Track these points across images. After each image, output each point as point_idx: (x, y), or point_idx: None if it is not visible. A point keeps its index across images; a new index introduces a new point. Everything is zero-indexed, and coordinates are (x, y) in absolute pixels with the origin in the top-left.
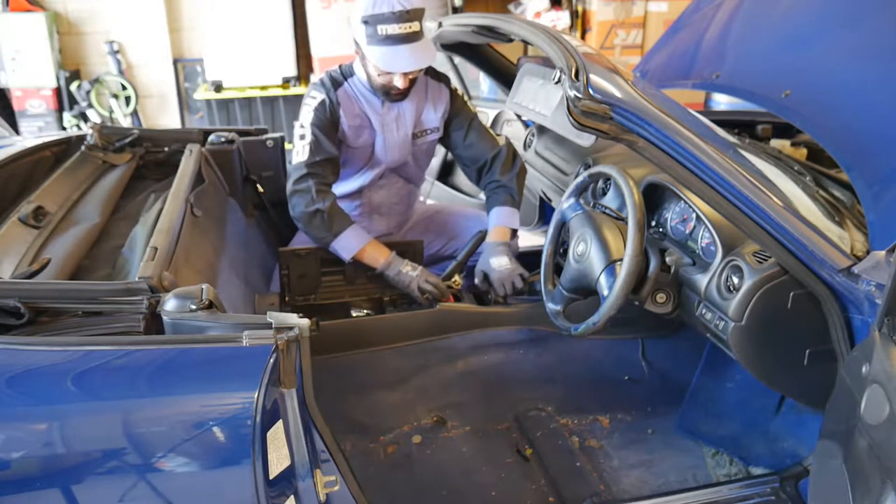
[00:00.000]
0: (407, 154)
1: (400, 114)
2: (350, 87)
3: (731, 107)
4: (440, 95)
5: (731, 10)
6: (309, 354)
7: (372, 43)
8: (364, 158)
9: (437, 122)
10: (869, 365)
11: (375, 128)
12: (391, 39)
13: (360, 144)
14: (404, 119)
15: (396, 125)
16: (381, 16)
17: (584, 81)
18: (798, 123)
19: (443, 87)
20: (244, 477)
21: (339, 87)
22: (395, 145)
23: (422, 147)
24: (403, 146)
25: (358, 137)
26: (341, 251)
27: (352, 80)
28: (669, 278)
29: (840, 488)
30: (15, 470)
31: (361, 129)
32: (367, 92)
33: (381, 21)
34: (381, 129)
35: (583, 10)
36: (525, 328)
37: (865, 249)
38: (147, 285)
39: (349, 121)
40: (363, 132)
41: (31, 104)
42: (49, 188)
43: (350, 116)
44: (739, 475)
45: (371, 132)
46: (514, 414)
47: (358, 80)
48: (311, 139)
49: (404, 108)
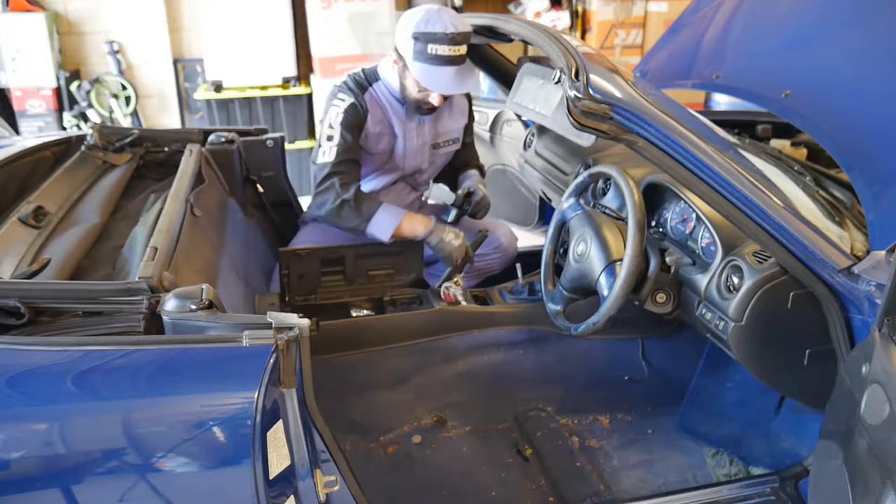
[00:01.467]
0: (424, 161)
1: (421, 122)
2: (375, 91)
3: (731, 107)
4: (462, 107)
5: (731, 10)
6: (309, 354)
7: (419, 59)
8: (380, 164)
9: (458, 133)
10: (869, 365)
11: (397, 134)
12: (439, 59)
13: (380, 150)
14: (425, 128)
15: (417, 133)
16: (434, 35)
17: (584, 81)
18: (798, 123)
19: (464, 99)
20: (244, 477)
21: (365, 91)
22: (415, 153)
23: (440, 156)
24: (422, 154)
25: (378, 143)
26: (378, 234)
27: (377, 84)
28: (669, 278)
29: (840, 488)
30: (15, 470)
31: (382, 135)
32: (392, 98)
33: (432, 40)
34: (402, 136)
35: (583, 10)
36: (525, 328)
37: (865, 249)
38: (147, 285)
39: (373, 126)
40: (384, 138)
41: (31, 104)
42: (49, 188)
43: (374, 122)
44: (739, 475)
45: (392, 138)
46: (514, 414)
47: (384, 86)
48: (340, 140)
49: (425, 117)
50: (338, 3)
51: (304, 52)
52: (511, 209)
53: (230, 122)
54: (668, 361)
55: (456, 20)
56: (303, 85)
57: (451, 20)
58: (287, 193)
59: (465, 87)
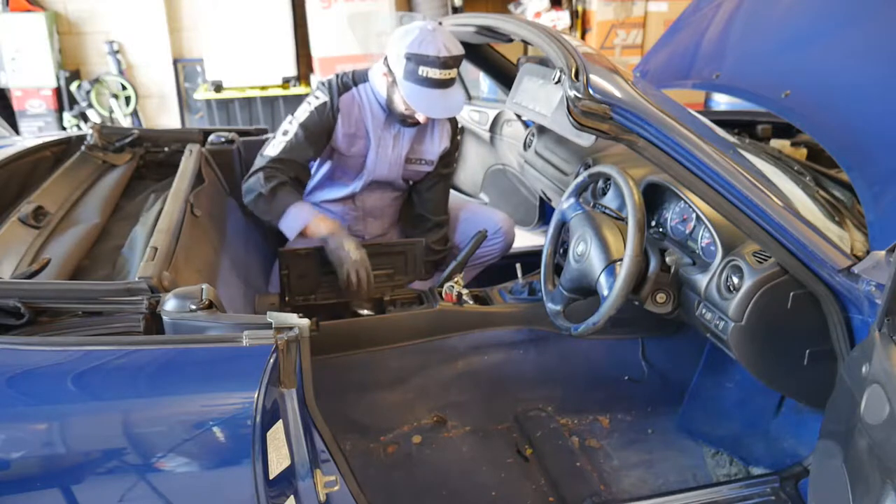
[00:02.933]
0: (396, 175)
1: (400, 133)
2: (359, 92)
3: (731, 107)
4: (444, 131)
5: (731, 10)
6: (309, 354)
7: (409, 79)
8: (357, 167)
9: (433, 156)
10: (869, 365)
11: (371, 139)
12: (429, 82)
13: (353, 154)
14: (402, 140)
15: (393, 143)
16: (426, 58)
17: (584, 81)
18: (798, 123)
19: (447, 125)
20: (244, 477)
21: (345, 92)
22: (387, 162)
23: (412, 172)
24: (395, 165)
25: (351, 146)
26: (287, 230)
27: (364, 86)
28: (669, 278)
29: (840, 488)
30: (15, 470)
31: (356, 137)
32: (375, 103)
33: (424, 62)
34: (375, 142)
35: (583, 10)
36: (525, 328)
37: (865, 249)
38: (147, 285)
39: (345, 128)
40: (357, 141)
41: (31, 104)
42: (49, 188)
43: (347, 123)
44: (739, 475)
45: (365, 143)
46: (514, 414)
47: (371, 90)
48: (292, 138)
49: (406, 130)
50: (338, 3)
51: (304, 52)
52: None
53: (230, 122)
54: (668, 361)
55: (449, 43)
56: (303, 85)
57: (444, 43)
58: None
59: (452, 112)
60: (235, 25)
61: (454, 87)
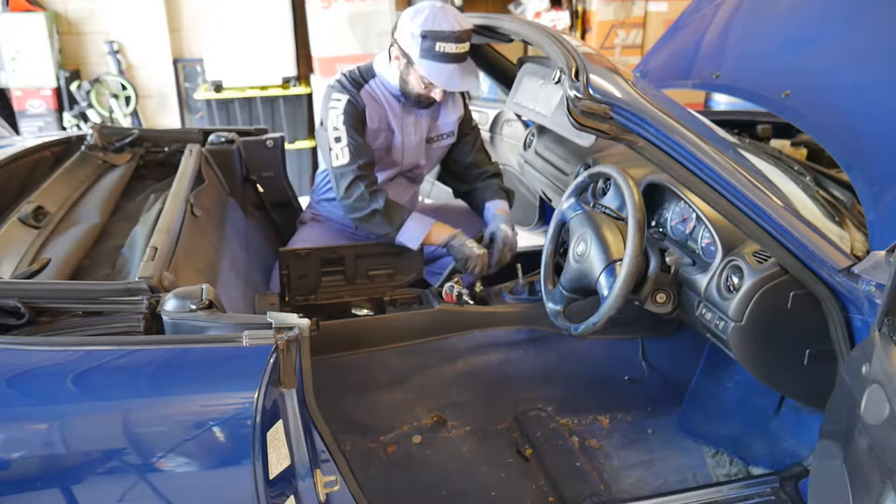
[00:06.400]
0: (421, 157)
1: (417, 118)
2: (371, 88)
3: (731, 107)
4: (456, 101)
5: (731, 10)
6: (309, 354)
7: (427, 57)
8: (378, 159)
9: (452, 127)
10: (869, 365)
11: (395, 130)
12: (447, 57)
13: (378, 146)
14: (421, 123)
15: (415, 128)
16: (442, 33)
17: (584, 81)
18: (798, 123)
19: (456, 94)
20: (244, 477)
21: (360, 88)
22: (412, 148)
23: (436, 150)
24: (419, 149)
25: (376, 139)
26: (408, 242)
27: (374, 81)
28: (669, 278)
29: (840, 488)
30: (15, 470)
31: (380, 131)
32: (388, 95)
33: (440, 38)
34: (399, 132)
35: (583, 10)
36: (525, 328)
37: (865, 249)
38: (147, 285)
39: (370, 123)
40: (381, 134)
41: (31, 104)
42: (49, 188)
43: (371, 118)
44: (739, 475)
45: (389, 134)
46: (514, 414)
47: (381, 83)
48: (349, 140)
49: (421, 112)
50: (338, 3)
51: (304, 52)
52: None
53: (230, 122)
54: (668, 361)
55: (460, 17)
56: (303, 85)
57: (455, 18)
58: (287, 193)
59: (470, 84)
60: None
61: (468, 60)
